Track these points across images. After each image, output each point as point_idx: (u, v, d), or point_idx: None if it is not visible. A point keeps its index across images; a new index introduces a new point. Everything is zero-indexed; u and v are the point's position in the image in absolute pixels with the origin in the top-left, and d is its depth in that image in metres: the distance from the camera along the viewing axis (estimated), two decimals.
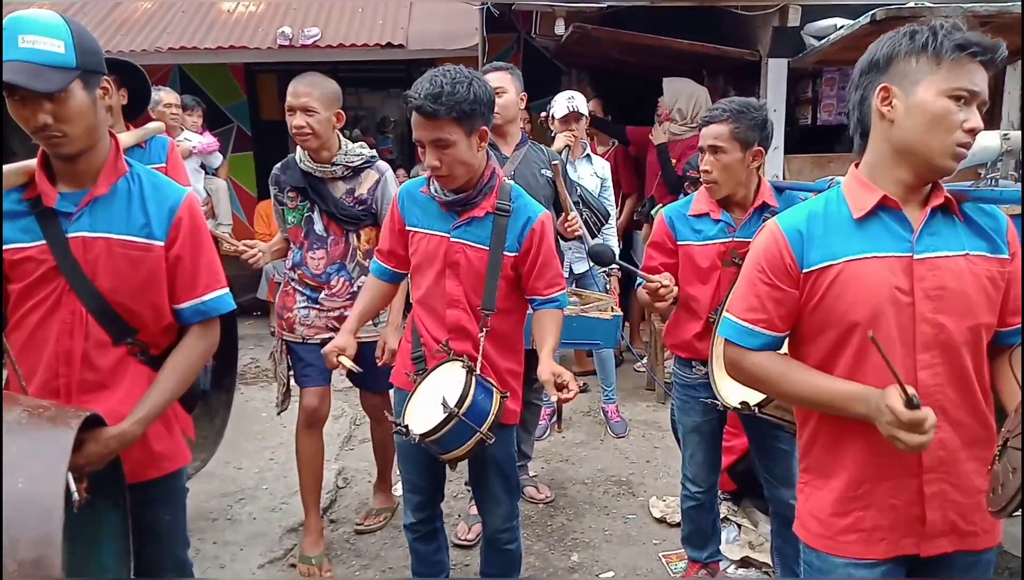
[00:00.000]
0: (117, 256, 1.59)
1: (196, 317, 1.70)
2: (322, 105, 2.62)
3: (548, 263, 2.08)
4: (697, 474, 2.53)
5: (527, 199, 2.11)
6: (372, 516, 3.16)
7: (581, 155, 3.89)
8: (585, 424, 4.24)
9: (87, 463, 1.46)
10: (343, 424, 4.15)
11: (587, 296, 3.30)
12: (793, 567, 2.40)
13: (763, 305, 1.45)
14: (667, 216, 2.40)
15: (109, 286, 1.59)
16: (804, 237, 1.41)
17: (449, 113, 1.85)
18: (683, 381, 2.49)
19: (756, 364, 1.47)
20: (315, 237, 2.76)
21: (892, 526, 1.42)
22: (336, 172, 2.71)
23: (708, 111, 2.35)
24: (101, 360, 1.62)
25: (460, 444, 1.91)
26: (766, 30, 4.66)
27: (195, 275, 1.67)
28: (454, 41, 5.62)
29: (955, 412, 1.39)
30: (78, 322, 1.59)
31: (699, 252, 2.33)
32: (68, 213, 1.57)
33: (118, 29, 6.10)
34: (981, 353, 1.40)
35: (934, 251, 1.36)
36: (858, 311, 1.37)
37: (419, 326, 2.15)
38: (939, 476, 1.39)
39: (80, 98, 1.50)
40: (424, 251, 2.08)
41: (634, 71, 5.72)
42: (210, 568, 2.81)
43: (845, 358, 1.41)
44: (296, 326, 2.80)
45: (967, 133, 1.30)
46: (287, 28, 5.71)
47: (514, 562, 2.36)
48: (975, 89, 1.30)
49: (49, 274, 1.57)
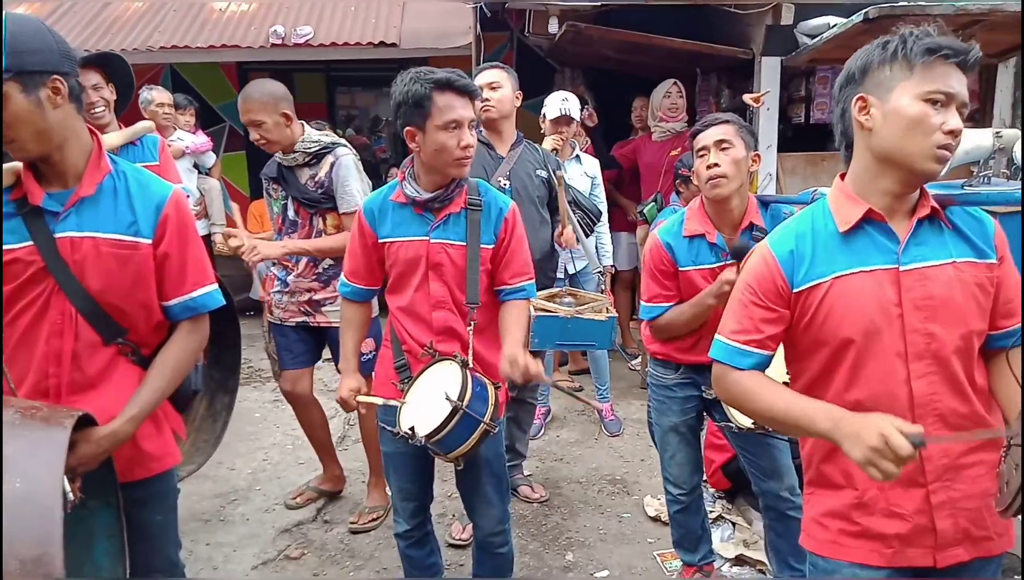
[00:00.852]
0: (105, 255, 1.57)
1: (185, 314, 1.69)
2: (264, 114, 2.77)
3: (516, 252, 2.11)
4: (679, 475, 2.52)
5: (494, 192, 2.15)
6: (366, 515, 3.16)
7: (570, 155, 3.89)
8: (579, 423, 4.23)
9: (80, 463, 1.45)
10: (336, 424, 4.13)
11: (582, 296, 3.29)
12: (788, 560, 2.41)
13: (756, 327, 1.45)
14: (663, 241, 2.33)
15: (98, 286, 1.57)
16: (795, 257, 1.42)
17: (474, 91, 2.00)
18: (659, 382, 2.48)
19: (734, 381, 1.48)
20: (289, 222, 2.98)
21: (899, 536, 1.41)
22: (298, 159, 2.88)
23: (703, 121, 2.31)
24: (91, 360, 1.61)
25: (466, 439, 1.92)
26: (759, 28, 4.66)
27: (183, 272, 1.67)
28: (447, 40, 5.61)
29: (955, 419, 1.39)
30: (68, 322, 1.57)
31: (697, 276, 2.31)
32: (55, 212, 1.55)
33: (109, 28, 6.07)
34: (973, 359, 1.40)
35: (921, 261, 1.37)
36: (850, 326, 1.38)
37: (401, 333, 2.13)
38: (944, 484, 1.39)
39: (17, 101, 1.44)
40: (404, 259, 2.07)
41: (628, 70, 5.72)
42: (203, 569, 2.79)
43: (840, 373, 1.42)
44: (274, 309, 3.08)
45: (947, 135, 1.30)
46: (279, 27, 5.69)
47: (507, 565, 2.34)
48: (950, 91, 1.30)
49: (38, 275, 1.55)
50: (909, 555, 1.41)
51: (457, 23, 5.62)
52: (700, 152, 2.25)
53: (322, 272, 2.96)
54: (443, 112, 1.94)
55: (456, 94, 1.95)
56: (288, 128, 2.82)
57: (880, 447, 1.19)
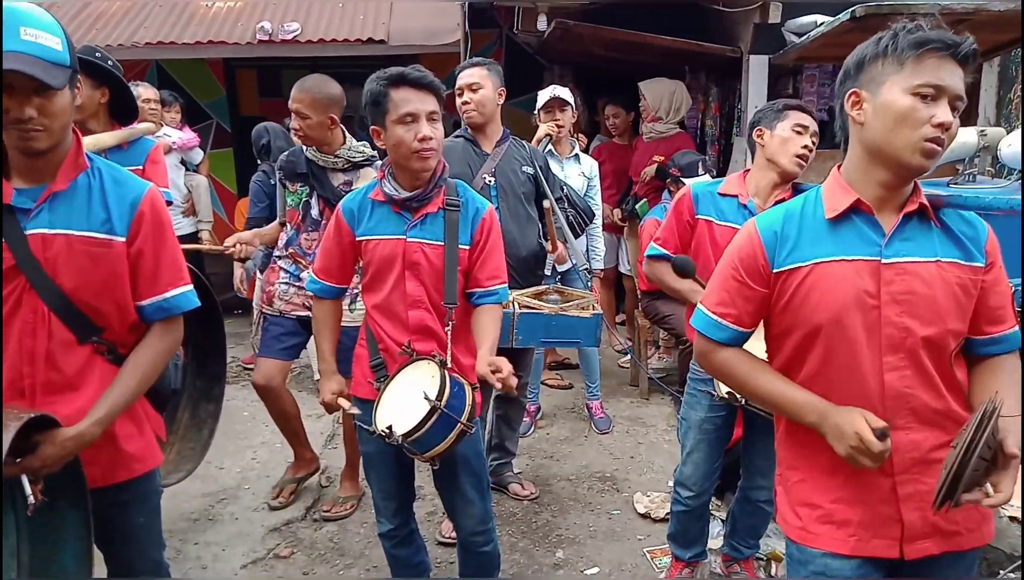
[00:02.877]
0: (78, 253, 1.55)
1: (158, 314, 1.66)
2: (313, 111, 2.79)
3: (491, 254, 2.11)
4: (691, 476, 2.49)
5: (472, 193, 2.15)
6: (339, 504, 3.18)
7: (569, 153, 3.87)
8: (569, 420, 4.24)
9: (43, 465, 1.44)
10: (326, 422, 4.12)
11: (568, 293, 3.29)
12: (744, 535, 2.64)
13: (733, 301, 1.49)
14: (694, 191, 2.43)
15: (72, 284, 1.55)
16: (778, 238, 1.44)
17: (434, 86, 2.01)
18: (696, 375, 2.48)
19: (725, 360, 1.54)
20: (311, 220, 2.99)
21: (863, 523, 1.43)
22: (338, 164, 2.92)
23: (796, 102, 2.41)
24: (66, 360, 1.58)
25: (443, 438, 1.92)
26: (747, 27, 4.67)
27: (157, 272, 1.65)
28: (436, 37, 5.58)
29: (927, 414, 1.40)
30: (40, 321, 1.54)
31: (718, 230, 2.36)
32: (26, 209, 1.52)
33: (94, 23, 6.00)
34: (948, 358, 1.41)
35: (904, 256, 1.38)
36: (822, 313, 1.40)
37: (377, 332, 2.12)
38: (913, 477, 1.40)
39: (67, 96, 1.51)
40: (381, 257, 2.07)
41: (616, 67, 5.73)
42: (192, 569, 2.78)
43: (811, 359, 1.44)
44: (275, 300, 3.07)
45: (936, 128, 1.30)
46: (267, 23, 5.64)
47: (491, 564, 2.33)
48: (940, 84, 1.30)
49: (9, 274, 1.52)
50: (874, 545, 1.42)
51: (445, 20, 5.59)
52: (797, 128, 2.32)
53: None
54: (398, 106, 1.96)
55: (411, 88, 1.97)
56: (331, 131, 2.86)
57: (857, 445, 1.32)
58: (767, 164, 2.36)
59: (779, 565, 2.76)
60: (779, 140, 2.33)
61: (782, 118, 2.35)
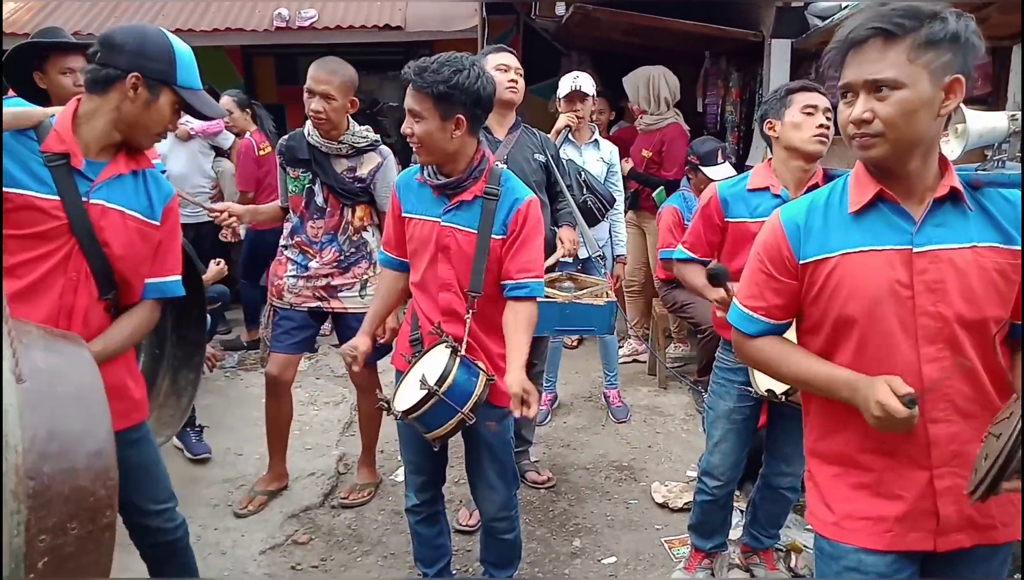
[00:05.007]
0: (130, 229, 1.79)
1: (152, 293, 1.89)
2: (340, 93, 2.78)
3: (526, 246, 2.07)
4: (718, 466, 2.47)
5: (516, 182, 2.13)
6: (356, 491, 3.19)
7: (588, 139, 3.83)
8: (586, 409, 4.23)
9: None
10: (343, 410, 4.14)
11: (582, 281, 3.26)
12: (764, 524, 2.62)
13: (761, 294, 1.49)
14: (720, 195, 2.36)
15: (120, 252, 1.77)
16: (801, 230, 1.43)
17: (426, 88, 1.93)
18: (724, 365, 2.46)
19: (757, 348, 1.54)
20: (315, 208, 2.95)
21: (899, 518, 1.40)
22: (342, 150, 2.87)
23: (787, 87, 2.33)
24: (95, 316, 1.79)
25: (441, 423, 1.96)
26: (769, 10, 4.58)
27: (166, 258, 1.91)
28: (453, 23, 5.56)
29: (965, 405, 1.37)
30: (83, 280, 1.74)
31: (755, 228, 2.28)
32: (90, 179, 1.73)
33: (112, 12, 6.04)
34: (988, 346, 1.37)
35: (937, 243, 1.35)
36: (854, 304, 1.37)
37: (416, 309, 2.19)
38: (952, 470, 1.37)
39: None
40: (418, 237, 2.11)
41: (636, 53, 5.65)
42: (211, 554, 2.80)
43: (844, 351, 1.42)
44: (284, 293, 3.02)
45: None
46: (283, 10, 5.65)
47: (513, 551, 2.35)
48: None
49: (58, 231, 1.70)
50: (910, 539, 1.40)
51: (463, 6, 5.57)
52: (806, 110, 2.25)
53: (344, 258, 2.96)
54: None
55: (409, 86, 2.00)
56: (346, 116, 2.84)
57: (881, 416, 1.29)
58: (787, 154, 2.30)
59: (799, 556, 2.73)
60: (791, 127, 2.26)
61: (788, 104, 2.28)
